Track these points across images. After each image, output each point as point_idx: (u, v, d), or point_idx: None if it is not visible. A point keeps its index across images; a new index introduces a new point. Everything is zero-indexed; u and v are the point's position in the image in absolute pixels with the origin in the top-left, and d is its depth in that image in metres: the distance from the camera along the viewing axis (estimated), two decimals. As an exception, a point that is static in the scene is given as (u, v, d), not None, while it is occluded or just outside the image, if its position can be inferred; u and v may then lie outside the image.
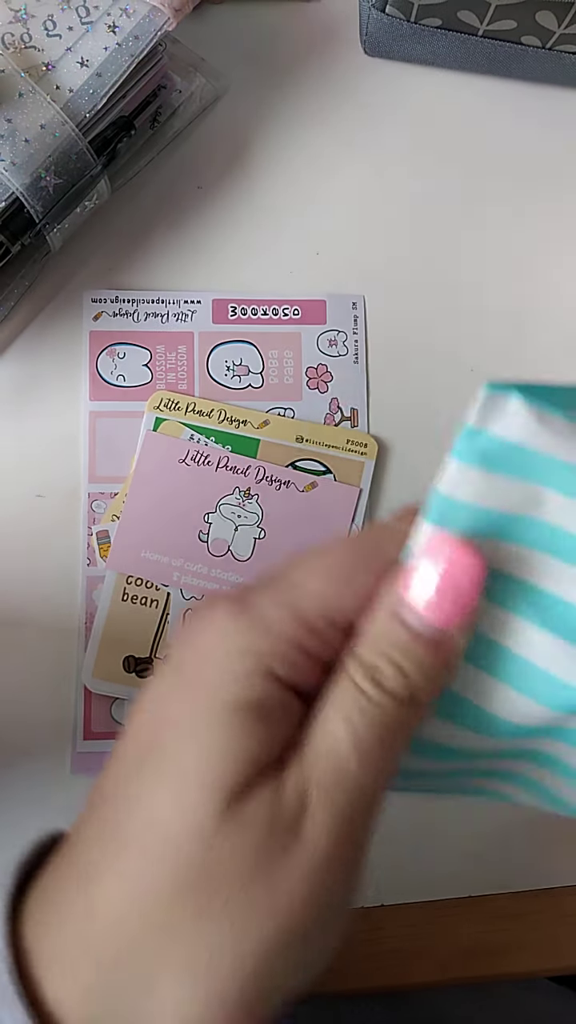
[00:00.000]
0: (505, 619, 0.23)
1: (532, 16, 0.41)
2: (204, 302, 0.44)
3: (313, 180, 0.46)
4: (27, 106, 0.37)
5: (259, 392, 0.44)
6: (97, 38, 0.39)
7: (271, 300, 0.44)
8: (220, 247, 0.45)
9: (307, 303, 0.45)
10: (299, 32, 0.47)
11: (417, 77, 0.47)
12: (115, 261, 0.44)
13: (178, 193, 0.45)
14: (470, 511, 0.22)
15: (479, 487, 0.22)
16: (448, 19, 0.42)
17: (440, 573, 0.22)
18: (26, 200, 0.38)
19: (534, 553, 0.22)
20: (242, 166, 0.46)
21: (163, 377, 0.44)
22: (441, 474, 0.22)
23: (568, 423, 0.21)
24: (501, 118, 0.47)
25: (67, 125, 0.38)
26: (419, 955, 0.41)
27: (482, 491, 0.22)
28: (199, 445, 0.43)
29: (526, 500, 0.22)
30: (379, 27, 0.43)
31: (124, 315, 0.44)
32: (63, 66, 0.38)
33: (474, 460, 0.22)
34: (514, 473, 0.22)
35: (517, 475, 0.22)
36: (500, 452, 0.21)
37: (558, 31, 0.41)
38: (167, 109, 0.44)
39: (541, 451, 0.21)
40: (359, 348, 0.44)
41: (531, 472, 0.22)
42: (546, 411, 0.21)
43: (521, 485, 0.22)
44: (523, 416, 0.21)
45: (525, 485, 0.22)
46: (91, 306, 0.44)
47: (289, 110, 0.46)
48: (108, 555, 0.42)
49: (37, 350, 0.43)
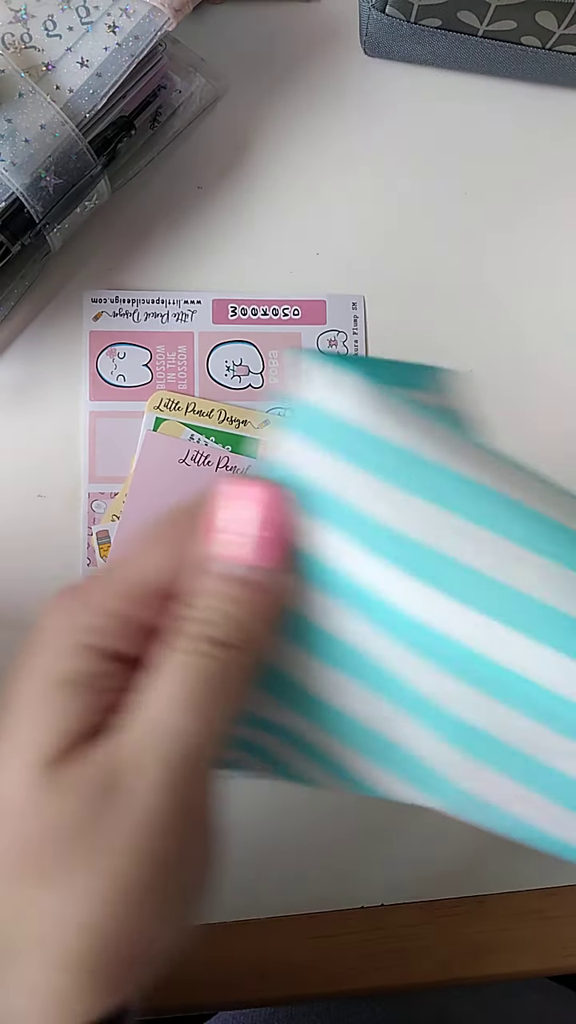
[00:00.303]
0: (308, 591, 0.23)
1: (532, 16, 0.41)
2: (204, 302, 0.44)
3: (313, 180, 0.46)
4: (27, 106, 0.37)
5: (259, 392, 0.44)
6: (97, 38, 0.39)
7: (271, 300, 0.44)
8: (220, 247, 0.45)
9: (307, 303, 0.45)
10: (299, 32, 0.47)
11: (417, 77, 0.47)
12: (115, 261, 0.44)
13: (178, 193, 0.45)
14: (293, 480, 0.23)
15: (300, 457, 0.22)
16: (448, 19, 0.42)
17: (250, 517, 0.22)
18: (26, 200, 0.38)
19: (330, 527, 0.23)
20: (242, 166, 0.46)
21: (163, 377, 0.44)
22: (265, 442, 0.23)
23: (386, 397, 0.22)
24: (501, 118, 0.47)
25: (67, 125, 0.38)
26: (419, 955, 0.41)
27: (303, 461, 0.22)
28: (199, 445, 0.43)
29: (338, 473, 0.22)
30: (379, 27, 0.43)
31: (124, 315, 0.44)
32: (63, 66, 0.38)
33: (299, 429, 0.22)
34: (332, 445, 0.22)
35: (334, 448, 0.22)
36: (322, 424, 0.22)
37: (558, 31, 0.41)
38: (167, 109, 0.44)
39: (357, 424, 0.22)
40: (359, 348, 0.44)
41: (346, 445, 0.22)
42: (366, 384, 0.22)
43: (335, 458, 0.22)
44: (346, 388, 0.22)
45: (338, 458, 0.22)
46: (91, 306, 0.44)
47: (289, 110, 0.46)
48: (108, 555, 0.42)
49: (37, 350, 0.43)
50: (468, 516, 0.22)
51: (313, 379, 0.23)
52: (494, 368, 0.45)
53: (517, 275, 0.46)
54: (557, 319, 0.45)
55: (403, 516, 0.22)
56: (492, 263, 0.46)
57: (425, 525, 0.22)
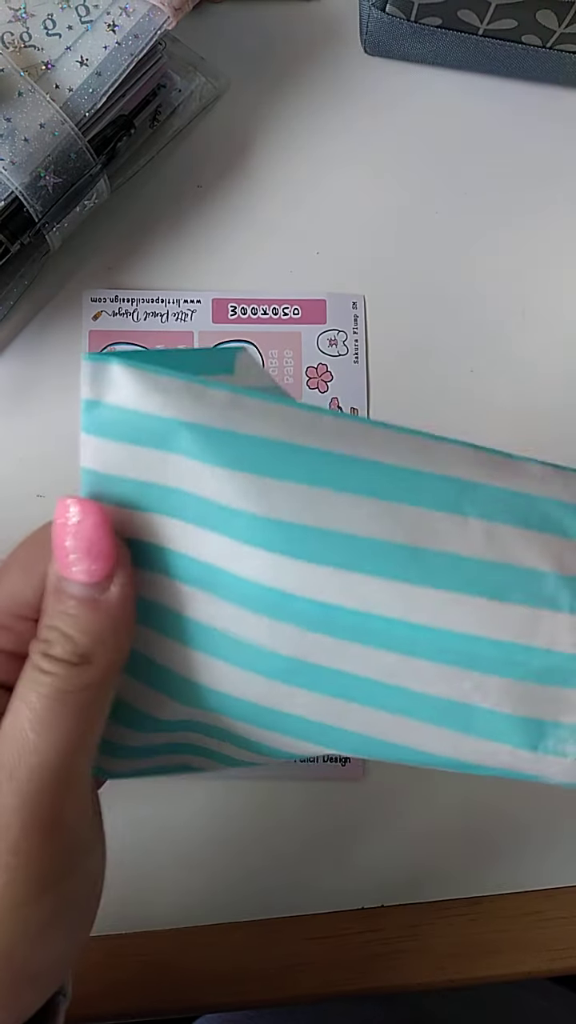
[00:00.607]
0: (169, 585, 0.23)
1: (532, 15, 0.41)
2: (204, 302, 0.44)
3: (313, 180, 0.46)
4: (26, 105, 0.37)
5: (259, 392, 0.44)
6: (97, 37, 0.38)
7: (271, 300, 0.44)
8: (220, 247, 0.45)
9: (307, 303, 0.45)
10: (299, 32, 0.47)
11: (417, 76, 0.47)
12: (115, 260, 0.44)
13: (178, 193, 0.45)
14: (112, 482, 0.23)
15: (109, 457, 0.23)
16: (448, 18, 0.42)
17: (71, 533, 0.23)
18: (25, 199, 0.38)
19: (163, 518, 0.23)
20: (242, 166, 0.46)
21: (163, 377, 0.44)
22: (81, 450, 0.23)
23: (179, 381, 0.22)
24: (501, 118, 0.47)
25: (66, 124, 0.38)
26: (419, 955, 0.41)
27: (115, 461, 0.23)
28: (199, 445, 0.43)
29: (150, 464, 0.23)
30: (379, 26, 0.43)
31: (124, 315, 0.44)
32: (63, 65, 0.38)
33: (99, 431, 0.23)
34: (135, 439, 0.23)
35: (138, 441, 0.23)
36: (119, 420, 0.23)
37: (558, 30, 0.41)
38: (167, 108, 0.44)
39: (154, 413, 0.22)
40: (359, 348, 0.44)
41: (149, 435, 0.23)
42: (152, 373, 0.22)
43: (142, 450, 0.23)
44: (128, 381, 0.22)
45: (145, 449, 0.23)
46: (91, 305, 0.44)
47: (289, 110, 0.46)
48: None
49: (37, 350, 0.43)
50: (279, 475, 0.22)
51: (99, 378, 0.23)
52: (494, 368, 0.45)
53: (518, 275, 0.45)
54: (558, 319, 0.45)
55: (224, 488, 0.22)
56: (492, 262, 0.46)
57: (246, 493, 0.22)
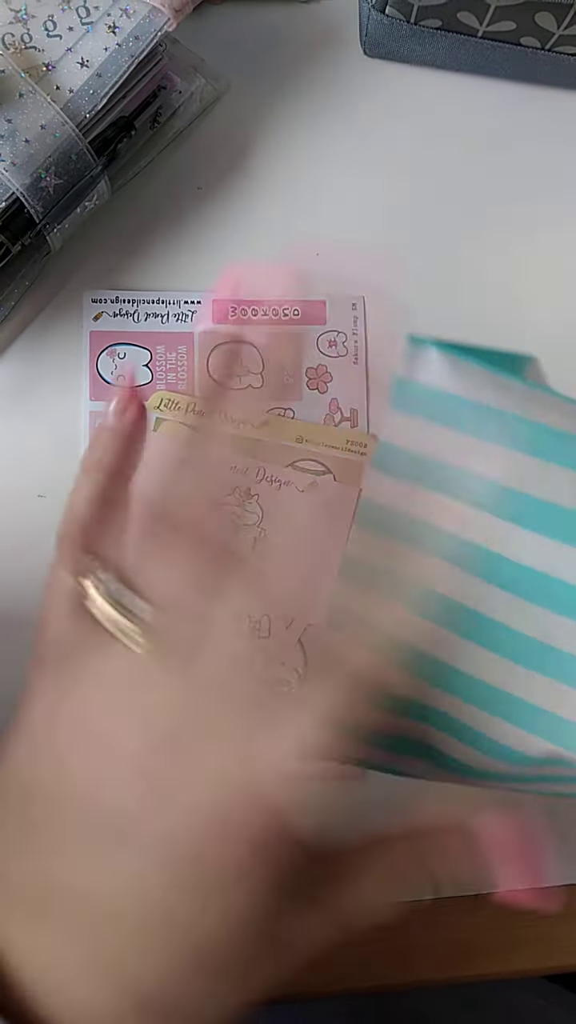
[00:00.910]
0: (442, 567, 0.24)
1: (531, 17, 0.41)
2: (204, 302, 0.44)
3: (313, 180, 0.46)
4: (27, 106, 0.37)
5: (259, 392, 0.44)
6: (97, 38, 0.39)
7: (271, 300, 0.44)
8: (220, 247, 0.45)
9: (307, 303, 0.45)
10: (299, 32, 0.47)
11: (417, 78, 0.47)
12: (115, 261, 0.45)
13: (178, 193, 0.45)
14: (404, 456, 0.24)
15: (411, 432, 0.24)
16: (448, 20, 0.42)
17: None
18: (26, 200, 0.38)
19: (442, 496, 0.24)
20: (242, 166, 0.46)
21: (163, 377, 0.44)
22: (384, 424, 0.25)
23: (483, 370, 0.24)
24: (501, 119, 0.47)
25: (67, 125, 0.38)
26: (418, 954, 0.41)
27: (415, 437, 0.24)
28: (199, 445, 0.43)
29: (445, 443, 0.24)
30: (379, 28, 0.43)
31: (124, 315, 0.44)
32: (63, 66, 0.38)
33: (406, 407, 0.24)
34: (437, 418, 0.24)
35: (439, 420, 0.24)
36: (428, 398, 0.24)
37: (557, 32, 0.41)
38: (167, 109, 0.44)
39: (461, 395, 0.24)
40: (359, 349, 0.44)
41: (450, 416, 0.24)
42: (463, 360, 0.24)
43: (442, 430, 0.24)
44: (443, 366, 0.24)
45: (445, 429, 0.24)
46: (91, 306, 0.44)
47: (289, 110, 0.46)
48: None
49: (37, 350, 0.43)
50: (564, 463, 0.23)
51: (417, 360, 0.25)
52: (493, 368, 0.45)
53: (518, 275, 0.46)
54: (558, 319, 0.45)
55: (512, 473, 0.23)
56: (493, 263, 0.46)
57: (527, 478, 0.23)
